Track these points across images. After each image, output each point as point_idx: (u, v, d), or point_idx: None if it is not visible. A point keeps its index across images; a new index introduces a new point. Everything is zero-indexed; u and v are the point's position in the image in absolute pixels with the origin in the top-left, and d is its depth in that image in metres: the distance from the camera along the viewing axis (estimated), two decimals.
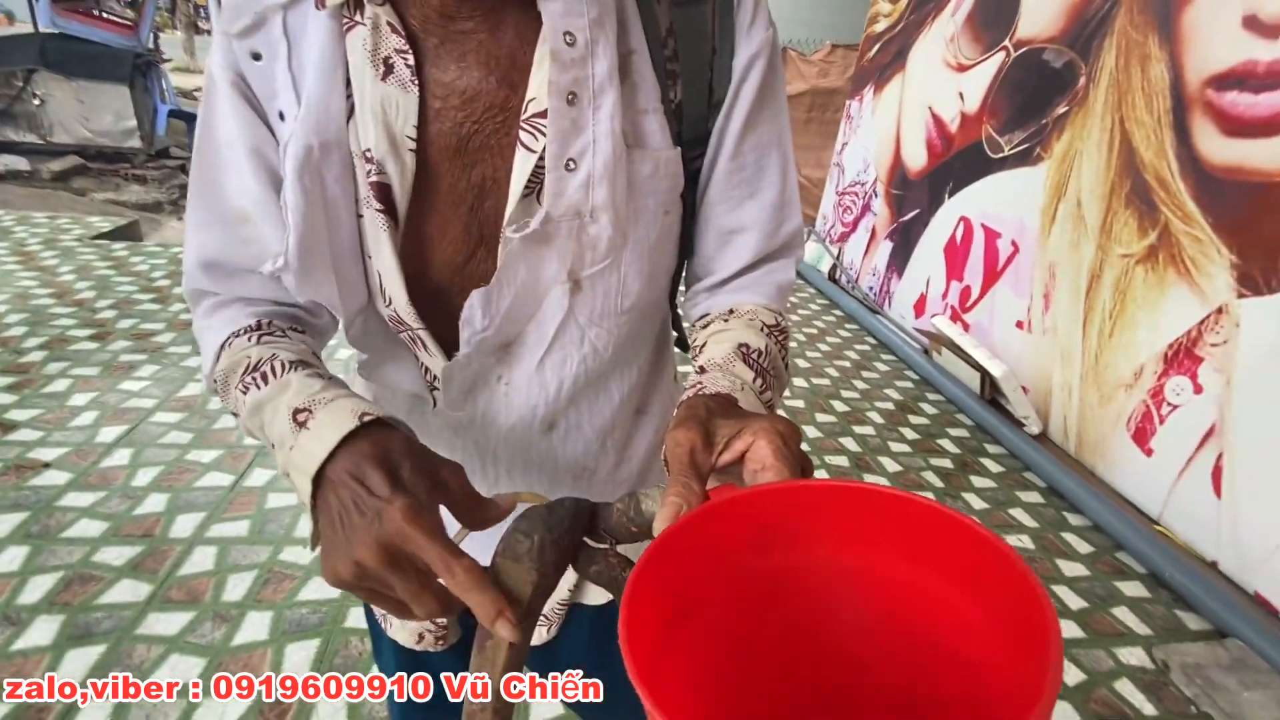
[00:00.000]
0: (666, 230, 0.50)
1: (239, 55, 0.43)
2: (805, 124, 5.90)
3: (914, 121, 3.48)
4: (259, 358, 0.44)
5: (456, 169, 0.44)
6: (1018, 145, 2.70)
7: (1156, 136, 2.07)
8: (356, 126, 0.43)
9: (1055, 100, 2.50)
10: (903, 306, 3.49)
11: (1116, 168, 2.21)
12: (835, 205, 4.40)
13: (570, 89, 0.41)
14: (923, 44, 3.45)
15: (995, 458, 2.40)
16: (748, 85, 0.48)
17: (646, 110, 0.45)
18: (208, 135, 0.46)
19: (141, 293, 2.91)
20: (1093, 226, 2.30)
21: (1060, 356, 2.42)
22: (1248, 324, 1.79)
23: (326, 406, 0.39)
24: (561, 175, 0.43)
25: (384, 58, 0.41)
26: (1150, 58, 2.11)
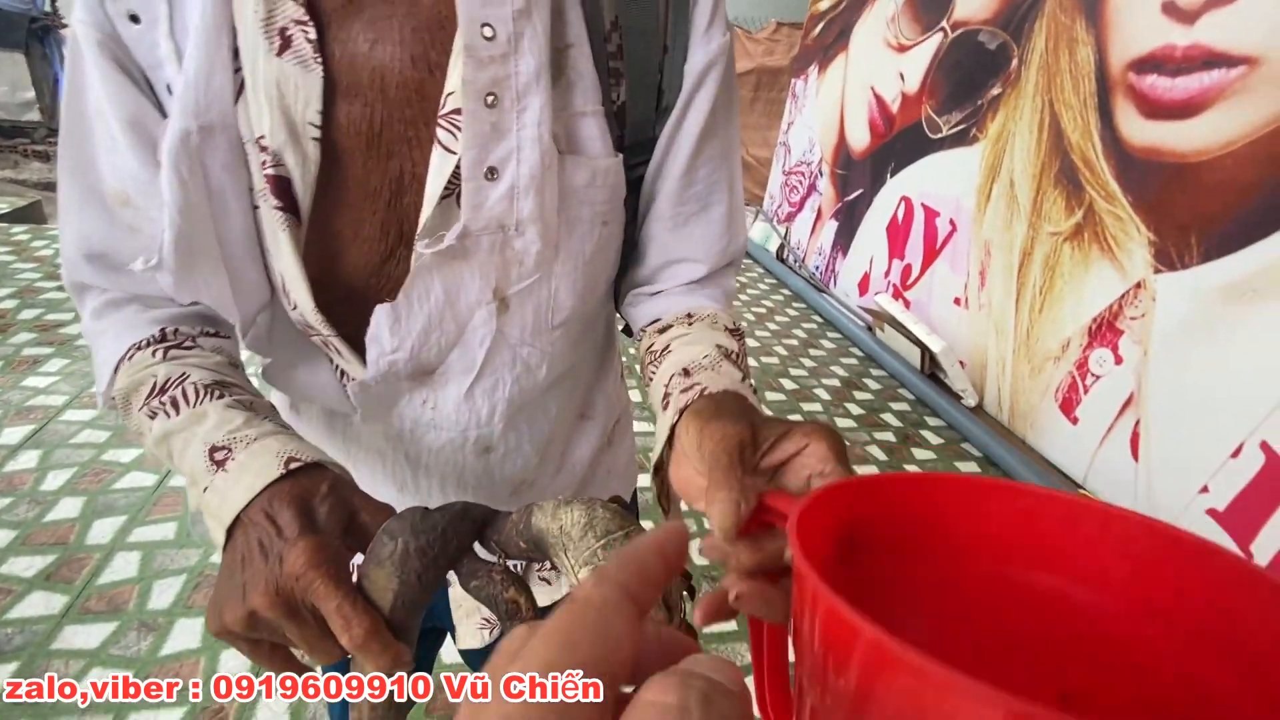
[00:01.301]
0: (605, 241, 0.46)
1: (114, 17, 0.36)
2: (751, 103, 5.91)
3: (857, 101, 3.52)
4: (166, 378, 0.39)
5: (371, 160, 0.39)
6: (955, 126, 2.77)
7: (1083, 119, 2.15)
8: (247, 108, 0.37)
9: (990, 82, 2.57)
10: (848, 285, 3.56)
11: (1046, 148, 2.30)
12: (782, 185, 4.44)
13: (489, 90, 0.37)
14: (865, 23, 3.49)
15: (935, 430, 2.49)
16: (703, 94, 0.44)
17: (584, 112, 0.41)
18: (76, 103, 0.39)
19: (46, 280, 2.68)
20: (1024, 206, 2.38)
21: (995, 331, 2.52)
22: (1163, 298, 1.90)
23: (249, 447, 0.35)
24: (481, 184, 0.38)
25: (280, 28, 0.35)
26: (1077, 41, 2.18)
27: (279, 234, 0.39)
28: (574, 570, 0.32)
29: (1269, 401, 1.62)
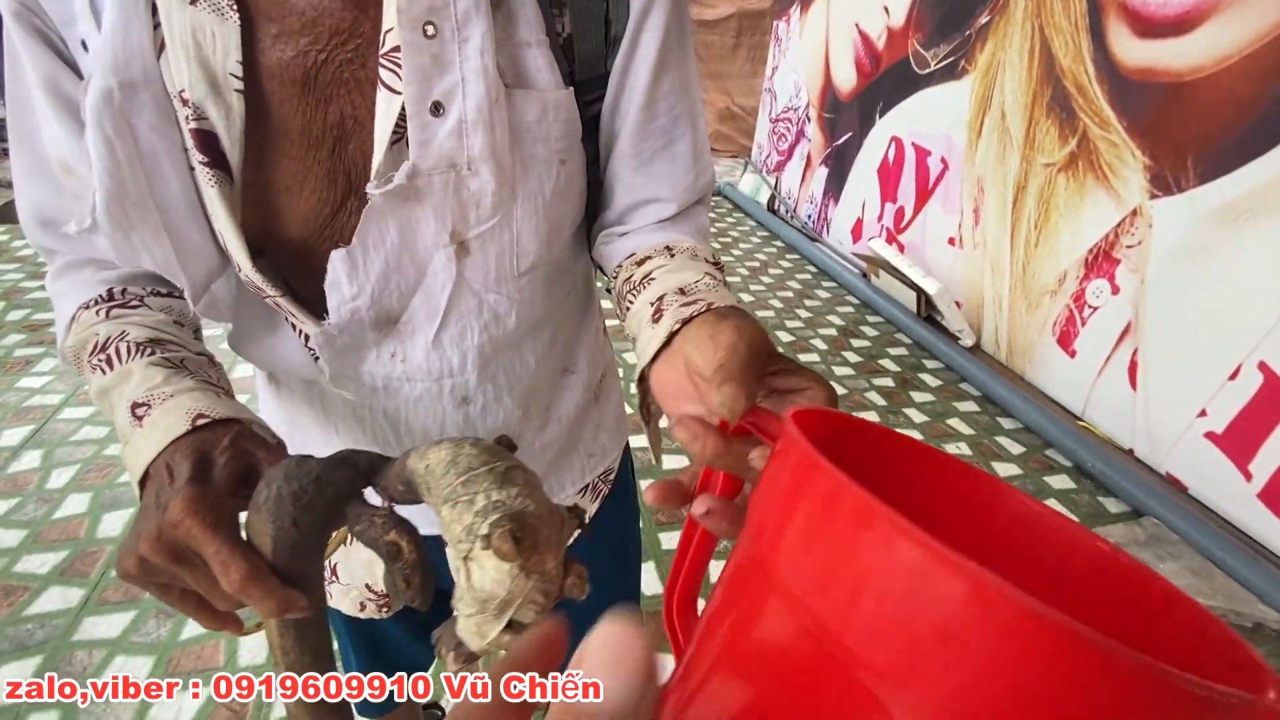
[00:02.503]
0: (566, 181, 0.44)
1: None
2: (734, 50, 5.73)
3: (842, 40, 3.41)
4: (106, 336, 0.40)
5: (309, 107, 0.37)
6: (943, 59, 2.69)
7: (1074, 42, 2.08)
8: (167, 62, 0.35)
9: (977, 10, 2.48)
10: (840, 232, 3.52)
11: (1038, 76, 2.23)
12: (770, 134, 4.34)
13: (426, 19, 0.35)
14: None
15: (933, 372, 2.49)
16: (652, 22, 0.42)
17: (529, 43, 0.39)
18: (13, 72, 0.38)
19: (30, 279, 2.65)
20: (1017, 138, 2.33)
21: (991, 269, 2.50)
22: (1159, 224, 1.87)
23: (164, 404, 0.36)
24: (427, 121, 0.37)
25: None
26: None
27: (210, 191, 0.38)
28: (437, 508, 0.30)
29: (1266, 322, 1.61)
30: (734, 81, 5.84)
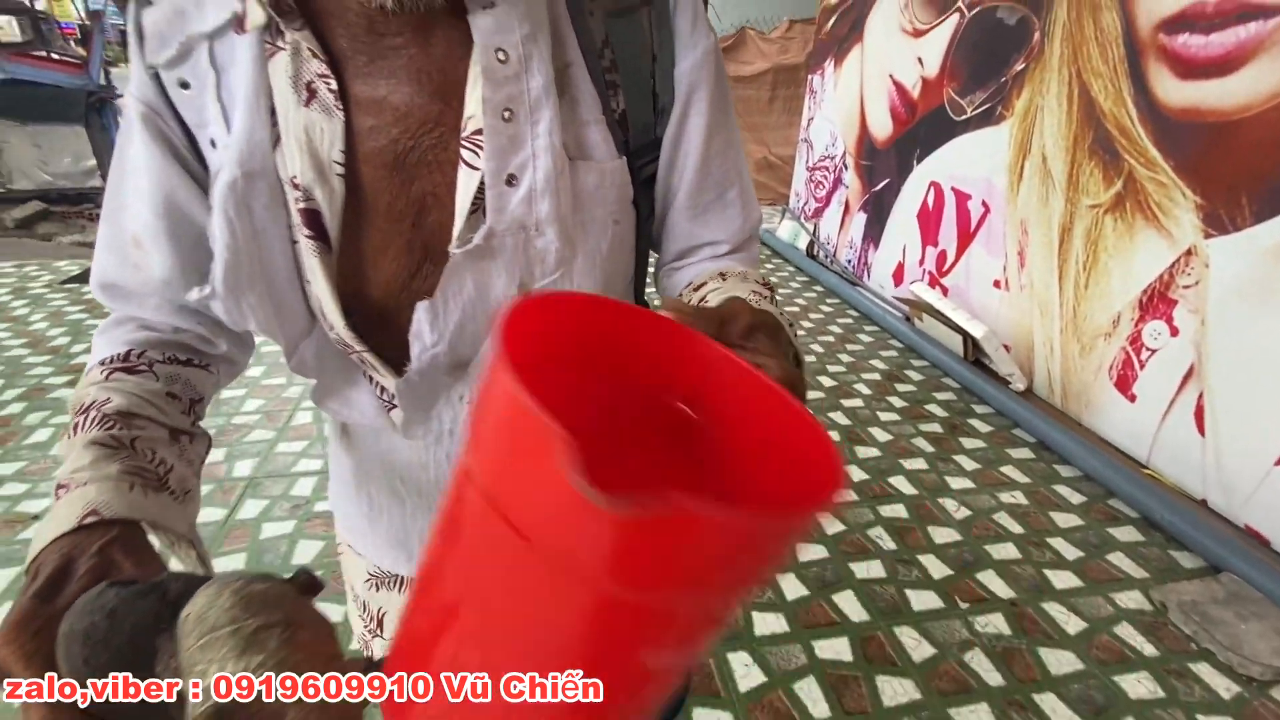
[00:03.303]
0: (619, 239, 0.49)
1: (167, 84, 0.42)
2: (770, 103, 5.89)
3: (876, 91, 3.48)
4: (91, 400, 0.41)
5: (395, 185, 0.43)
6: (980, 106, 2.71)
7: (1114, 85, 2.08)
8: (283, 154, 0.42)
9: (1012, 58, 2.51)
10: (882, 276, 3.50)
11: (1078, 119, 2.23)
12: (807, 181, 4.41)
13: (506, 105, 0.41)
14: (878, 12, 3.45)
15: (983, 418, 2.42)
16: (700, 92, 0.47)
17: (589, 122, 0.45)
18: (119, 161, 0.46)
19: None
20: (1059, 180, 2.31)
21: (1039, 311, 2.44)
22: (1216, 263, 1.81)
23: (73, 491, 0.35)
24: (502, 190, 0.42)
25: (306, 83, 0.40)
26: (1100, 7, 2.11)
27: (313, 260, 0.44)
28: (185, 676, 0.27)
29: None
30: (771, 132, 5.98)
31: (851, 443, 2.23)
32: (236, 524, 1.74)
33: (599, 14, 0.44)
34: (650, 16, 0.45)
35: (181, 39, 0.41)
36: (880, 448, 2.20)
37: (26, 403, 2.30)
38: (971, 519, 1.86)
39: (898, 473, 2.07)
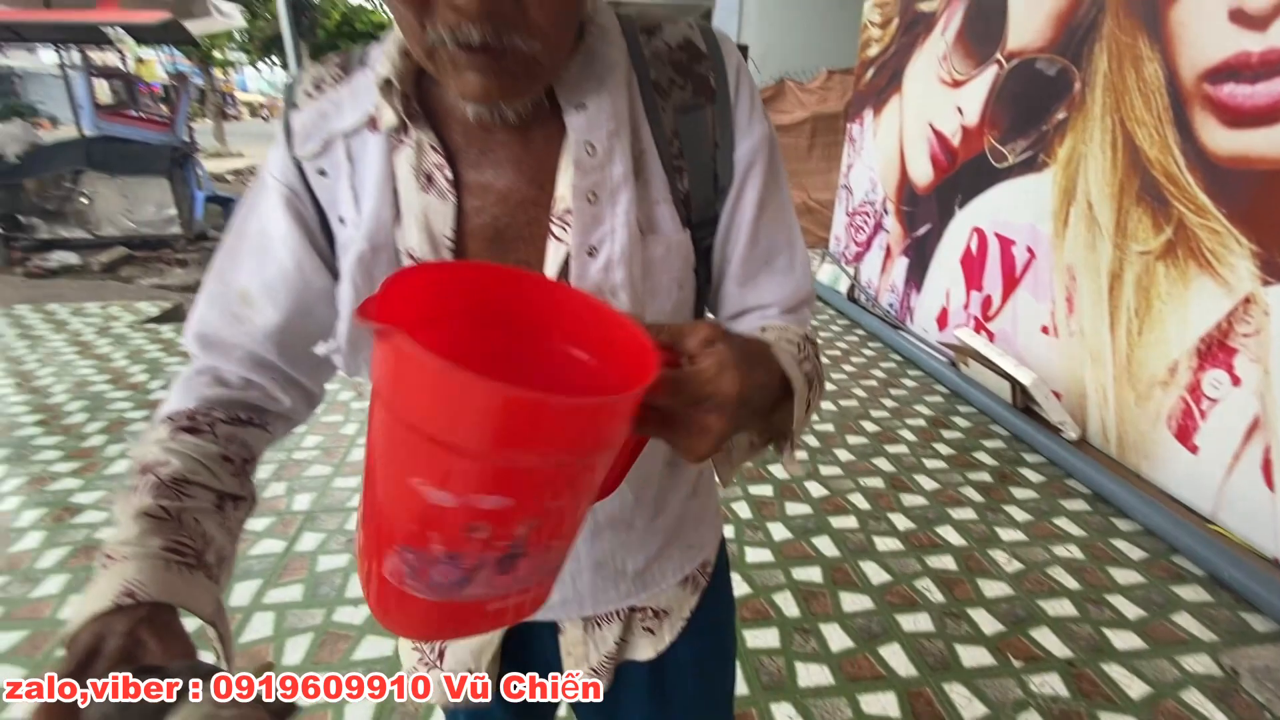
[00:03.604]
0: (682, 301, 0.54)
1: (307, 172, 0.50)
2: (809, 150, 5.99)
3: (916, 139, 3.53)
4: (152, 461, 0.46)
5: (494, 256, 0.50)
6: (1021, 154, 2.72)
7: (1159, 133, 2.08)
8: (403, 230, 0.49)
9: (1053, 107, 2.53)
10: (925, 320, 3.48)
11: (1123, 167, 2.22)
12: (847, 226, 4.44)
13: (591, 190, 0.47)
14: (916, 64, 3.53)
15: (1035, 467, 2.36)
16: (754, 174, 0.53)
17: (658, 201, 0.51)
18: (242, 223, 0.53)
19: None
20: (1106, 226, 2.30)
21: (1090, 358, 2.39)
22: (1278, 311, 1.76)
23: (114, 566, 0.39)
24: (584, 260, 0.48)
25: (425, 172, 0.48)
26: (1142, 58, 2.13)
27: None
28: None
29: None
30: (810, 178, 6.07)
31: (896, 490, 2.20)
32: (295, 555, 1.82)
33: (670, 110, 0.51)
34: (713, 113, 0.52)
35: (324, 136, 0.49)
36: (927, 496, 2.16)
37: (107, 435, 2.46)
38: (1024, 573, 1.81)
39: (945, 522, 2.02)
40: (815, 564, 1.82)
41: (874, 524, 2.01)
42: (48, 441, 2.42)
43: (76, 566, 1.76)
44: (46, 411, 2.65)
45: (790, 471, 0.46)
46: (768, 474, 2.27)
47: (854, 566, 1.82)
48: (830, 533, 1.96)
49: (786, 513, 2.05)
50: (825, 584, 1.75)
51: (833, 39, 6.75)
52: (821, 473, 2.29)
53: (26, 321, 3.74)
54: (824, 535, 1.95)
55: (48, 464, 2.27)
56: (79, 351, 3.29)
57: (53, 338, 3.48)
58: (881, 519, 2.04)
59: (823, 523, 2.01)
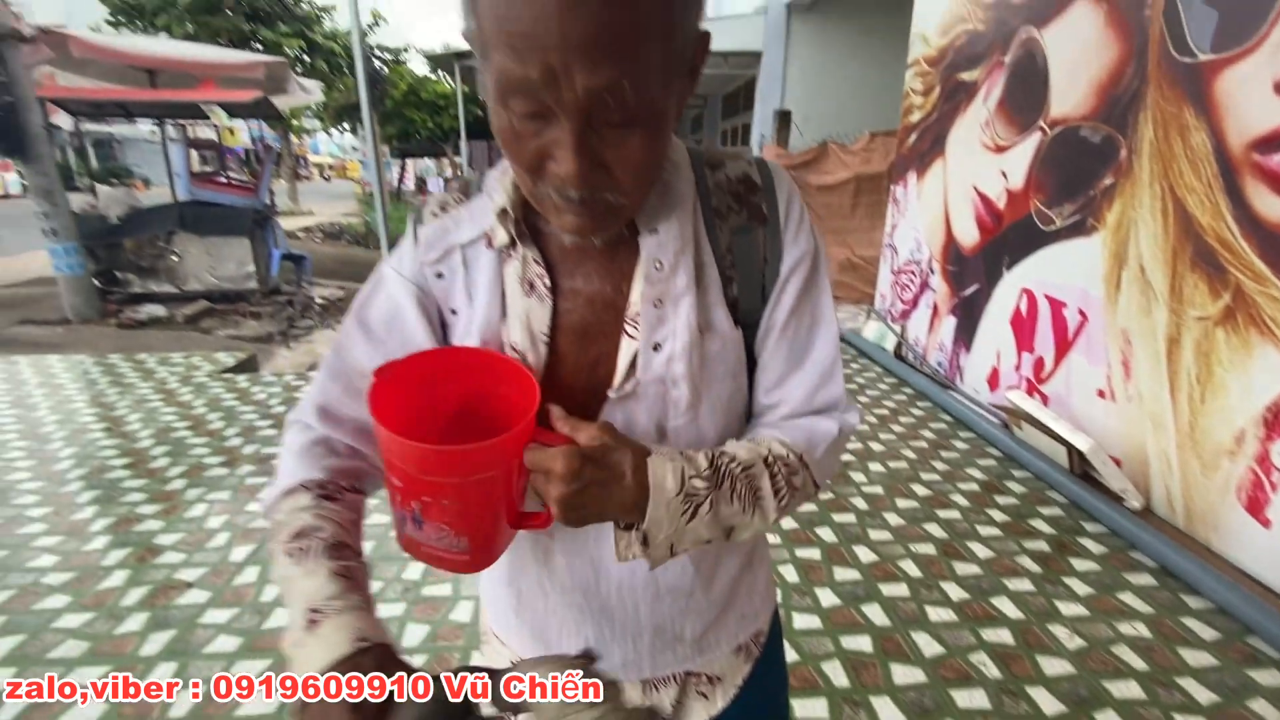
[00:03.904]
0: (735, 390, 0.61)
1: (427, 274, 0.61)
2: (853, 208, 6.09)
3: (961, 201, 3.57)
4: (310, 527, 0.53)
5: (578, 348, 0.58)
6: (1069, 217, 2.73)
7: (1210, 201, 2.08)
8: (507, 327, 0.58)
9: (1099, 172, 2.56)
10: (975, 380, 3.44)
11: (1175, 233, 2.22)
12: (892, 284, 4.46)
13: (658, 297, 0.56)
14: (958, 129, 3.60)
15: (1096, 537, 2.27)
16: (792, 282, 0.60)
17: (715, 304, 0.59)
18: (363, 310, 0.62)
19: (261, 419, 3.27)
20: (1161, 291, 2.27)
21: (1151, 424, 2.33)
22: None
23: (334, 619, 0.47)
24: (650, 355, 0.57)
25: (529, 280, 0.57)
26: (1188, 127, 2.15)
27: None
28: None
29: None
30: (853, 235, 6.14)
31: (949, 557, 2.15)
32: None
33: (726, 230, 0.60)
34: (764, 234, 0.60)
35: (444, 246, 0.60)
36: (981, 565, 2.11)
37: (187, 480, 2.64)
38: (1086, 650, 1.73)
39: (1001, 593, 1.97)
40: (865, 632, 1.80)
41: (926, 592, 1.97)
42: (134, 484, 2.61)
43: (157, 606, 1.88)
44: (134, 455, 2.86)
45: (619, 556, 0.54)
46: (815, 537, 2.25)
47: (905, 637, 1.78)
48: (880, 600, 1.93)
49: (835, 578, 2.04)
50: (875, 654, 1.72)
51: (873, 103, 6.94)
52: (871, 537, 2.26)
53: (119, 369, 4.06)
54: (874, 603, 1.92)
55: (134, 506, 2.44)
56: (164, 399, 3.55)
57: (141, 385, 3.76)
58: (934, 587, 1.99)
59: (872, 589, 1.98)
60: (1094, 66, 2.58)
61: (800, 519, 2.37)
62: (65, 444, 2.97)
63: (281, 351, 5.05)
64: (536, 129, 0.46)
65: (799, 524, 2.33)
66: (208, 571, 2.05)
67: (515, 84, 0.43)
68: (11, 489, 2.56)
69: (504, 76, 0.43)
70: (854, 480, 2.68)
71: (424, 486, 0.50)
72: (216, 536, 2.24)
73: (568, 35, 0.39)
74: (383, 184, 4.33)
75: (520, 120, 0.45)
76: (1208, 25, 2.08)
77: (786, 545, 2.20)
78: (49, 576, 2.02)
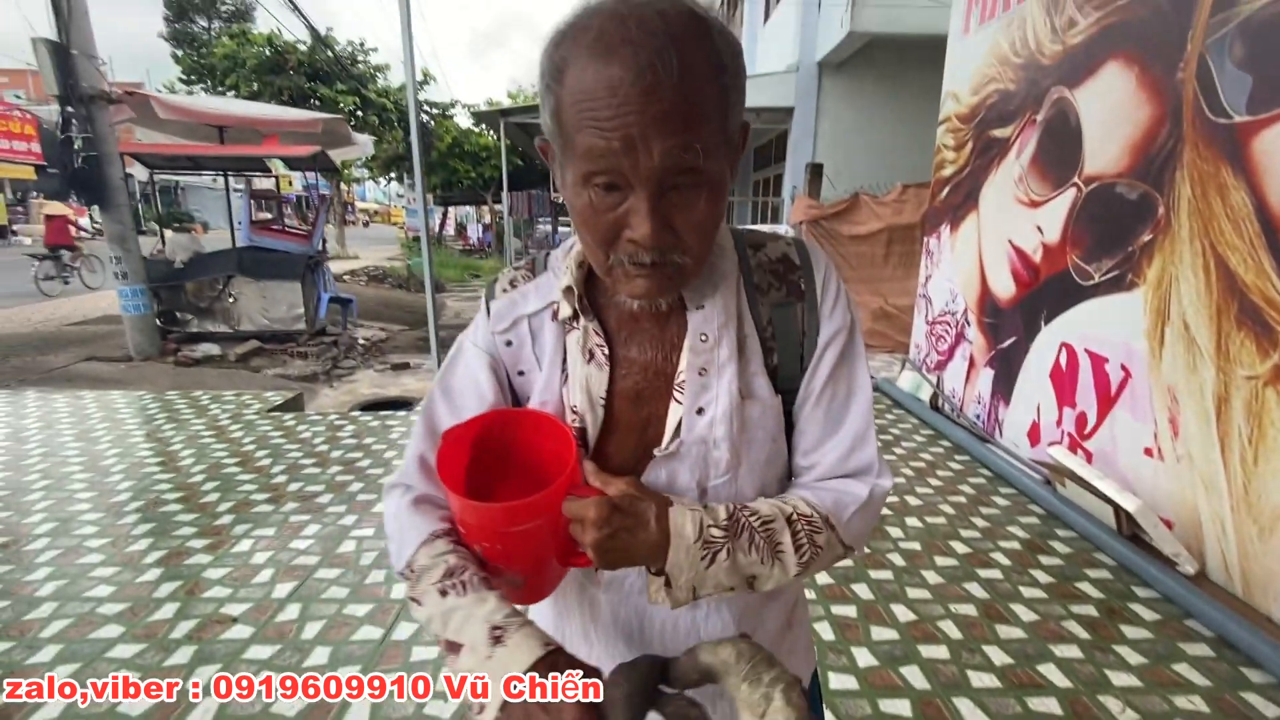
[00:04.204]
0: (775, 453, 0.66)
1: (497, 343, 0.68)
2: (886, 258, 6.12)
3: (996, 254, 3.58)
4: (455, 566, 0.59)
5: (631, 410, 0.64)
6: (1107, 272, 2.72)
7: (1254, 259, 2.06)
8: (568, 390, 0.65)
9: (1138, 229, 2.55)
10: (1015, 435, 3.37)
11: (1218, 290, 2.19)
12: (927, 334, 4.44)
13: (702, 366, 0.62)
14: (991, 184, 3.64)
15: (1147, 603, 2.18)
16: (829, 352, 0.65)
17: (756, 373, 0.64)
18: (447, 379, 0.69)
19: (306, 458, 3.38)
20: (1206, 348, 2.23)
21: (1203, 486, 2.25)
22: None
23: (517, 631, 0.53)
24: (694, 417, 0.62)
25: (589, 349, 0.64)
26: (1227, 187, 2.16)
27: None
28: (736, 684, 0.47)
29: None
30: (886, 284, 6.15)
31: (991, 619, 2.09)
32: (391, 644, 1.93)
33: (766, 305, 0.65)
34: (802, 308, 0.65)
35: (513, 317, 0.67)
36: (1025, 629, 2.04)
37: (235, 515, 2.74)
38: None
39: (1047, 659, 1.90)
40: (904, 696, 1.75)
41: (967, 656, 1.91)
42: (185, 518, 2.71)
43: (203, 640, 1.94)
44: (186, 490, 2.98)
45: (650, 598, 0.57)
46: (851, 594, 2.22)
47: (946, 702, 1.73)
48: (919, 662, 1.88)
49: (872, 637, 1.99)
50: (915, 719, 1.67)
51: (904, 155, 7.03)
52: (909, 595, 2.21)
53: (175, 405, 4.26)
54: (913, 664, 1.87)
55: (185, 539, 2.54)
56: (215, 435, 3.70)
57: (195, 421, 3.94)
58: (976, 651, 1.93)
59: (911, 651, 1.93)
60: (1128, 125, 2.61)
61: (836, 574, 2.33)
62: (124, 477, 3.12)
63: (325, 390, 5.23)
64: (614, 202, 0.53)
65: (835, 580, 2.30)
66: (252, 607, 2.10)
67: (599, 155, 0.50)
68: (73, 519, 2.69)
69: (589, 152, 0.50)
70: (891, 535, 2.63)
71: (477, 534, 0.60)
72: (261, 573, 2.31)
73: (645, 111, 0.48)
74: (428, 231, 4.55)
75: (599, 195, 0.53)
76: (1241, 88, 2.11)
77: (822, 602, 2.17)
78: (104, 606, 2.11)
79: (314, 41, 15.25)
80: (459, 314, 9.90)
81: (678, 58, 0.47)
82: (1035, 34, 3.28)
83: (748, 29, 10.77)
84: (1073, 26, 2.98)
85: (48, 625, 2.01)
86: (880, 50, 6.95)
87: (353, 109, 16.82)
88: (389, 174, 21.67)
